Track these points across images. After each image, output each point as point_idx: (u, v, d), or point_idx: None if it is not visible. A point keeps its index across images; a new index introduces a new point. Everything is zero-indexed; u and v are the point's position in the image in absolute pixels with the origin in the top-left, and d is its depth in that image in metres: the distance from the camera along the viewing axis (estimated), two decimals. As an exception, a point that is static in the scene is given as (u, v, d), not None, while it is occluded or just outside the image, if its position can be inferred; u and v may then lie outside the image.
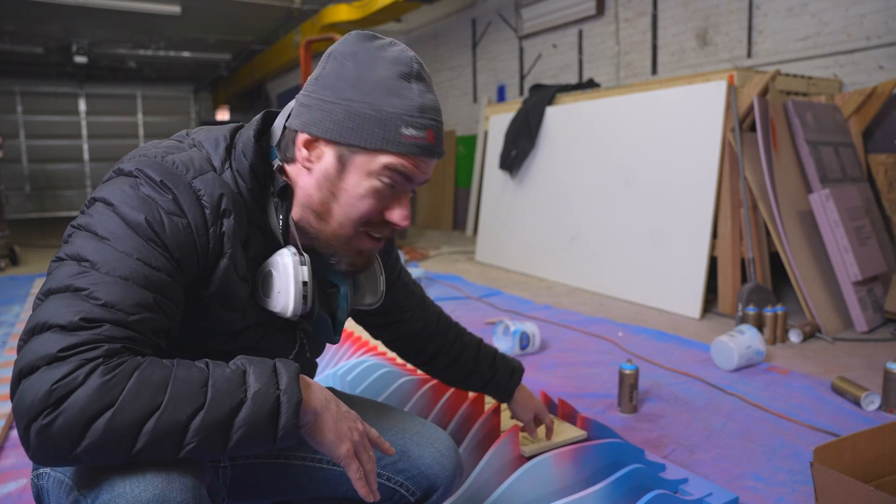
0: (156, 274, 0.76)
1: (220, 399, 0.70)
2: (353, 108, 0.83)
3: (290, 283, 0.86)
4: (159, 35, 9.70)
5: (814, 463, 1.25)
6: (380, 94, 0.83)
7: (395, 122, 0.83)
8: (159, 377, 0.69)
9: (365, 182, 0.85)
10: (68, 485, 0.77)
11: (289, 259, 0.87)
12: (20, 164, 12.48)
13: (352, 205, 0.87)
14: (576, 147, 4.33)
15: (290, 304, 0.87)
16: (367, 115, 0.83)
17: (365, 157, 0.84)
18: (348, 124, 0.84)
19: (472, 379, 1.33)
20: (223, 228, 0.83)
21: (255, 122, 0.92)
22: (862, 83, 3.94)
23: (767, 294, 3.15)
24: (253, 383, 0.73)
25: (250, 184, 0.88)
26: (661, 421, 2.02)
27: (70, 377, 0.65)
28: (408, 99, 0.84)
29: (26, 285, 4.44)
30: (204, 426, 0.69)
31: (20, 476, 1.68)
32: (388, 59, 0.85)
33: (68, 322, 0.69)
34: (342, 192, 0.86)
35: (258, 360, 0.77)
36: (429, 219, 8.41)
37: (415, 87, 0.85)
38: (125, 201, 0.77)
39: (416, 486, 1.08)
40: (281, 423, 0.73)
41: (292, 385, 0.75)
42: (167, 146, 0.88)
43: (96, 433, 0.65)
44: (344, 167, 0.86)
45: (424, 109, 0.85)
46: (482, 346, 1.35)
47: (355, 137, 0.84)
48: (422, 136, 0.84)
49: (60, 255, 0.75)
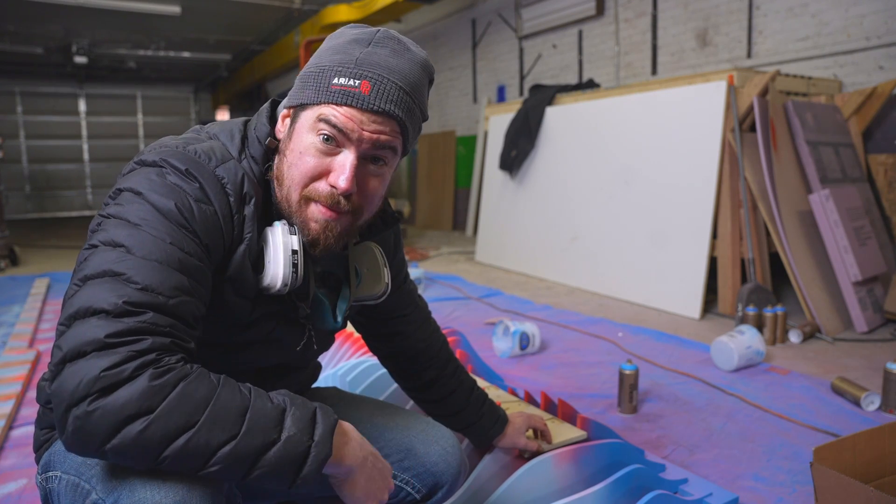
0: (189, 258, 0.77)
1: (255, 433, 0.70)
2: (303, 72, 0.87)
3: (278, 251, 0.85)
4: (159, 35, 9.70)
5: (814, 463, 1.25)
6: (326, 54, 0.86)
7: (328, 74, 0.83)
8: (201, 395, 0.69)
9: (306, 138, 0.85)
10: (85, 489, 0.77)
11: (277, 228, 0.87)
12: (20, 165, 12.49)
13: (294, 163, 0.85)
14: (576, 147, 4.33)
15: (279, 274, 0.85)
16: (309, 73, 0.86)
17: (307, 113, 0.85)
18: (298, 86, 0.87)
19: (457, 418, 1.28)
20: (245, 213, 0.84)
21: (265, 108, 0.94)
22: (862, 83, 3.94)
23: (767, 294, 3.15)
24: (289, 426, 0.73)
25: (264, 167, 0.89)
26: (660, 421, 2.02)
27: (118, 368, 0.66)
28: (348, 54, 0.84)
29: (26, 285, 4.44)
30: (231, 456, 0.69)
31: (20, 476, 1.68)
32: (354, 32, 0.87)
33: (112, 307, 0.69)
34: (290, 152, 0.87)
35: (301, 402, 0.77)
36: (429, 219, 8.41)
37: (365, 49, 0.84)
38: (153, 189, 0.78)
39: (421, 483, 1.09)
40: (303, 473, 0.73)
41: (325, 439, 0.75)
42: (186, 138, 0.89)
43: (128, 436, 0.65)
44: (293, 127, 0.87)
45: (363, 63, 0.83)
46: (475, 389, 1.31)
47: (299, 96, 0.86)
48: (352, 84, 0.82)
49: (93, 243, 0.76)
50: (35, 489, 1.59)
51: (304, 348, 1.02)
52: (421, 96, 0.88)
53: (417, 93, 0.87)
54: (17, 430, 1.98)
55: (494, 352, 2.76)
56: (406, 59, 0.86)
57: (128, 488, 0.70)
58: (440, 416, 1.29)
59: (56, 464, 0.85)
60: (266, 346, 0.96)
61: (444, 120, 8.38)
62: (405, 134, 0.87)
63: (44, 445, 0.92)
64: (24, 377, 2.38)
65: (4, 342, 2.96)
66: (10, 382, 2.32)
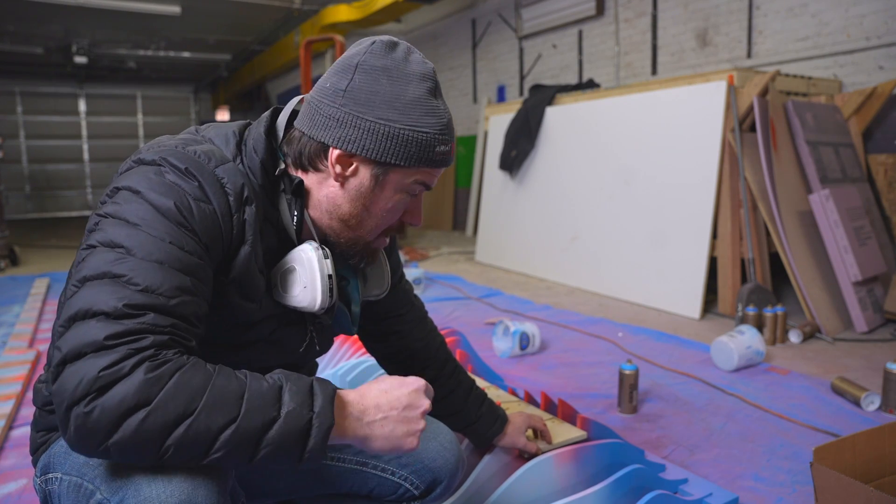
0: (189, 257, 0.77)
1: (254, 414, 0.71)
2: (395, 130, 0.85)
3: (315, 277, 0.87)
4: (159, 35, 9.70)
5: (814, 463, 1.25)
6: (418, 114, 0.86)
7: (432, 143, 0.87)
8: (198, 382, 0.69)
9: (396, 196, 0.90)
10: (88, 489, 0.77)
11: (313, 254, 0.88)
12: (20, 165, 12.48)
13: (382, 216, 0.92)
14: (576, 147, 4.33)
15: (317, 298, 0.88)
16: (408, 137, 0.85)
17: (400, 173, 0.88)
18: (389, 145, 0.85)
19: (456, 418, 1.29)
20: (245, 216, 0.84)
21: (265, 119, 0.93)
22: (862, 83, 3.94)
23: (767, 294, 3.15)
24: (287, 402, 0.73)
25: (261, 179, 0.89)
26: (660, 421, 2.02)
27: (117, 366, 0.66)
28: (438, 117, 0.88)
29: (26, 285, 4.44)
30: (233, 438, 0.69)
31: (20, 476, 1.68)
32: (416, 74, 0.87)
33: (112, 309, 0.69)
34: (374, 206, 0.90)
35: (296, 377, 0.76)
36: (429, 219, 8.41)
37: (440, 104, 0.90)
38: (152, 188, 0.78)
39: (420, 479, 1.09)
40: (309, 446, 0.73)
41: (326, 409, 0.75)
42: (184, 139, 0.89)
43: (129, 429, 0.66)
44: (379, 183, 0.89)
45: (449, 125, 0.90)
46: (474, 388, 1.31)
47: (396, 157, 0.86)
48: (448, 150, 0.90)
49: (91, 243, 0.75)
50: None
51: (307, 349, 1.02)
52: None
53: None
54: (17, 430, 1.98)
55: (494, 352, 2.76)
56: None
57: (133, 487, 0.70)
58: (439, 416, 1.29)
59: (56, 465, 0.85)
60: (267, 347, 0.96)
61: (444, 120, 8.37)
62: None
63: (41, 447, 0.91)
64: (24, 377, 2.38)
65: (4, 342, 2.96)
66: (10, 382, 2.32)
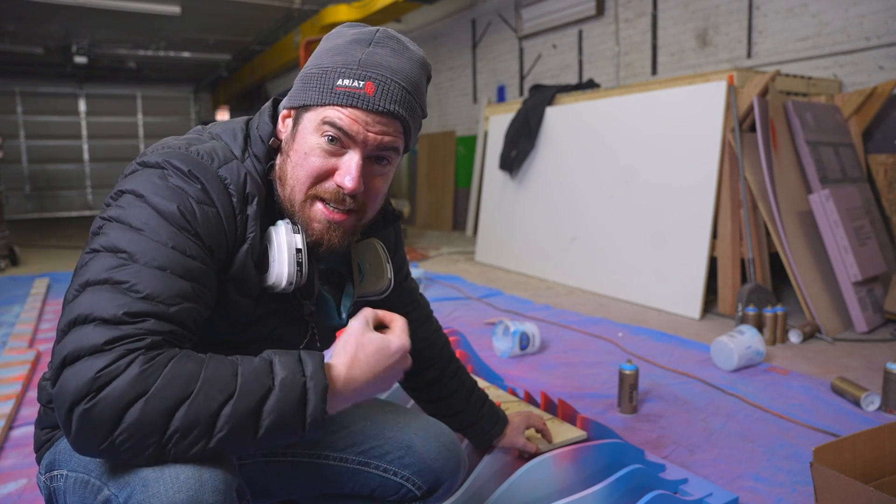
0: (192, 262, 0.77)
1: (249, 387, 0.72)
2: (303, 73, 0.87)
3: (283, 250, 0.86)
4: (159, 35, 9.70)
5: (814, 463, 1.25)
6: (327, 55, 0.86)
7: (332, 76, 0.84)
8: (192, 367, 0.71)
9: (311, 139, 0.85)
10: (95, 485, 0.76)
11: (281, 227, 0.88)
12: (20, 165, 12.48)
13: (299, 164, 0.86)
14: (576, 147, 4.33)
15: (284, 273, 0.86)
16: (311, 74, 0.86)
17: (311, 114, 0.86)
18: (299, 86, 0.87)
19: (457, 418, 1.29)
20: (248, 213, 0.85)
21: (267, 107, 0.94)
22: (862, 83, 3.94)
23: (767, 294, 3.15)
24: (279, 371, 0.74)
25: (266, 165, 0.90)
26: (660, 421, 2.02)
27: (113, 366, 0.67)
28: (350, 55, 0.84)
29: (26, 285, 4.44)
30: (234, 414, 0.70)
31: (20, 476, 1.68)
32: (352, 32, 0.88)
33: (111, 316, 0.70)
34: (293, 153, 0.87)
35: (283, 352, 0.78)
36: (429, 219, 8.41)
37: (366, 49, 0.85)
38: (156, 192, 0.79)
39: (422, 479, 1.09)
40: (309, 410, 0.74)
41: (318, 371, 0.76)
42: (188, 139, 0.89)
43: (131, 418, 0.67)
44: (297, 128, 0.87)
45: (366, 64, 0.83)
46: (476, 390, 1.32)
47: (301, 97, 0.86)
48: (357, 86, 0.83)
49: (94, 247, 0.76)
50: (35, 489, 1.59)
51: (307, 346, 1.02)
52: (421, 95, 0.89)
53: (418, 92, 0.88)
54: (17, 430, 1.99)
55: (494, 352, 2.76)
56: (406, 58, 0.87)
57: (140, 483, 0.71)
58: (440, 416, 1.29)
59: (61, 462, 0.85)
60: (269, 345, 0.95)
61: (444, 120, 8.38)
62: (408, 133, 0.89)
63: (45, 445, 0.91)
64: (24, 377, 2.38)
65: (4, 342, 2.96)
66: (10, 382, 2.32)
